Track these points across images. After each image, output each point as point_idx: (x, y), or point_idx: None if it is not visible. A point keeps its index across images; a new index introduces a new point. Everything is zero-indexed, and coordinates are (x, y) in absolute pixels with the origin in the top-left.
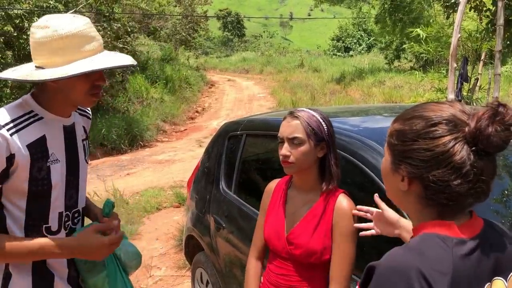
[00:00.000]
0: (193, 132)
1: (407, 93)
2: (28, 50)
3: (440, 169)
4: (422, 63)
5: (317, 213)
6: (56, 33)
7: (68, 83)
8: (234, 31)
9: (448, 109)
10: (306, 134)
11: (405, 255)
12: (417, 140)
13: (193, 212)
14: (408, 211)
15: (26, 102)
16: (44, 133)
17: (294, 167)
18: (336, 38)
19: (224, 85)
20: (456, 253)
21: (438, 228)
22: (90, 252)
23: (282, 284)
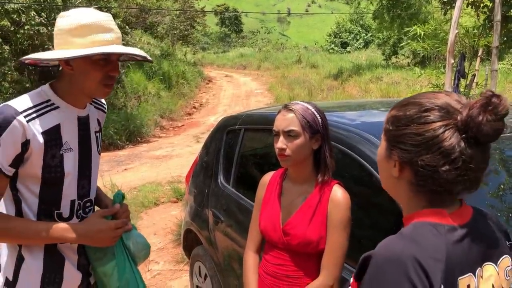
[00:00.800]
0: (191, 128)
1: (404, 89)
2: (25, 45)
3: (429, 154)
4: (420, 59)
5: (312, 203)
6: (76, 20)
7: (82, 70)
8: (231, 26)
9: (443, 97)
10: (301, 127)
11: (400, 243)
12: (409, 125)
13: (192, 206)
14: (400, 200)
15: (44, 91)
16: (59, 121)
17: (290, 160)
18: (334, 34)
19: (222, 81)
20: (449, 240)
21: (429, 217)
22: (96, 236)
23: (279, 274)
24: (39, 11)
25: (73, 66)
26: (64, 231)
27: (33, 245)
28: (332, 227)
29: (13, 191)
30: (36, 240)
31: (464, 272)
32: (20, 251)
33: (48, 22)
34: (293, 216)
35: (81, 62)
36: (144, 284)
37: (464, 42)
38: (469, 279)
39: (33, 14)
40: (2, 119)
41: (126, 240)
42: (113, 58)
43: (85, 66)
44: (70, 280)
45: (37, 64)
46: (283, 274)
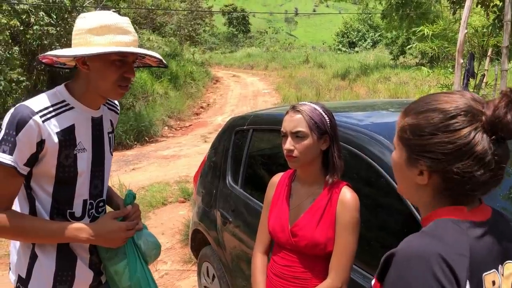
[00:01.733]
0: (198, 128)
1: (412, 89)
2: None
3: (464, 161)
4: (428, 59)
5: (321, 205)
6: (96, 21)
7: (99, 70)
8: (239, 26)
9: (460, 99)
10: (309, 128)
11: (423, 240)
12: (436, 134)
13: (200, 207)
14: (421, 204)
15: (60, 92)
16: (73, 122)
17: (298, 161)
18: (342, 34)
19: (229, 81)
20: (471, 236)
21: (450, 213)
22: (107, 236)
23: (287, 275)
24: (48, 12)
25: (89, 66)
26: (76, 231)
27: (46, 244)
28: (340, 228)
29: (27, 190)
30: (48, 239)
31: (488, 268)
32: (33, 249)
33: (57, 22)
34: (301, 217)
35: (98, 62)
36: (155, 283)
37: (473, 42)
38: (494, 275)
39: (42, 14)
40: (19, 118)
41: (137, 240)
42: (129, 60)
43: (102, 66)
44: (82, 278)
45: (52, 64)
46: (291, 276)
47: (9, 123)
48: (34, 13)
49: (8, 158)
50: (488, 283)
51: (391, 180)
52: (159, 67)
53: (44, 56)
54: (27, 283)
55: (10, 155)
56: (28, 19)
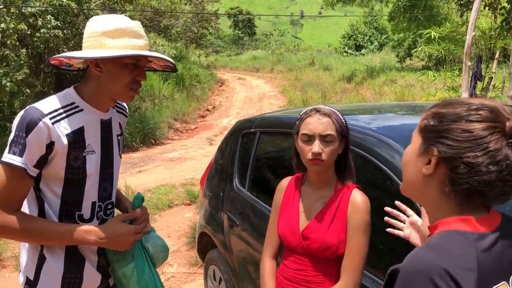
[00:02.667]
0: (204, 130)
1: (419, 92)
2: (41, 48)
3: (475, 152)
4: (435, 62)
5: (332, 207)
6: (111, 23)
7: (111, 72)
8: (244, 29)
9: (491, 101)
10: (337, 131)
11: (428, 254)
12: (457, 121)
13: (206, 210)
14: (426, 203)
15: (69, 94)
16: (83, 124)
17: (325, 165)
18: (348, 36)
19: (235, 84)
20: (478, 248)
21: (456, 224)
22: (115, 239)
23: (299, 279)
24: (56, 14)
25: (102, 68)
26: (84, 233)
27: (55, 246)
28: (352, 231)
29: (36, 192)
30: (56, 241)
31: (497, 281)
32: (41, 251)
33: (64, 25)
34: (312, 220)
35: (111, 65)
36: (162, 285)
37: (480, 45)
38: (504, 287)
39: (49, 18)
40: (29, 121)
41: (145, 242)
42: (141, 64)
43: (115, 69)
44: (90, 281)
45: (59, 66)
46: (303, 279)
47: (19, 125)
48: (41, 16)
49: (18, 160)
50: None
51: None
52: (165, 71)
53: (54, 58)
54: (35, 285)
55: (20, 157)
56: (35, 22)
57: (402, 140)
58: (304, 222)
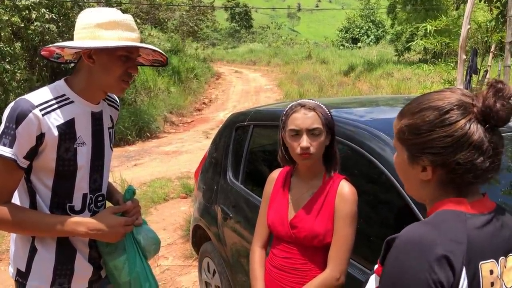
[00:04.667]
0: (200, 124)
1: (415, 85)
2: (36, 41)
3: (464, 151)
4: (431, 55)
5: (320, 197)
6: (106, 15)
7: (104, 64)
8: (241, 22)
9: (451, 95)
10: (323, 124)
11: (422, 228)
12: (434, 130)
13: (200, 203)
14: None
15: (60, 86)
16: (73, 116)
17: (314, 158)
18: (344, 29)
19: (231, 77)
20: (470, 225)
21: (452, 205)
22: (105, 231)
23: (287, 267)
24: (50, 7)
25: (95, 59)
26: (75, 225)
27: (46, 237)
28: (339, 220)
29: (27, 183)
30: (47, 232)
31: (486, 258)
32: (33, 243)
33: (59, 18)
34: (300, 210)
35: (104, 56)
36: (154, 278)
37: (476, 38)
38: (492, 265)
39: (43, 11)
40: (19, 112)
41: (136, 235)
42: (133, 56)
43: (108, 61)
44: (81, 272)
45: (48, 58)
46: (291, 267)
47: (9, 116)
48: (35, 9)
49: (8, 151)
50: (485, 271)
51: (391, 176)
52: (153, 65)
53: (46, 48)
54: (27, 276)
55: (10, 148)
56: (29, 15)
57: None
58: (293, 212)
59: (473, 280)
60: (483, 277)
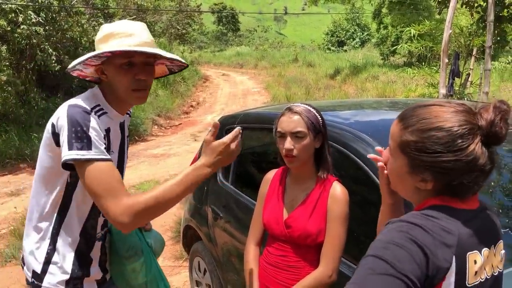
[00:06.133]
0: (188, 127)
1: (400, 88)
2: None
3: (470, 173)
4: (416, 58)
5: (313, 199)
6: (103, 31)
7: (112, 77)
8: (228, 25)
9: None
10: (307, 128)
11: (416, 216)
12: (443, 153)
13: (191, 203)
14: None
15: (96, 95)
16: (109, 125)
17: (298, 161)
18: (331, 33)
19: (219, 80)
20: (460, 219)
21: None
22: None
23: (281, 264)
24: (37, 11)
25: (107, 74)
26: (199, 170)
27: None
28: (331, 220)
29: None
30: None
31: (472, 249)
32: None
33: (46, 21)
34: (295, 210)
35: (111, 70)
36: (165, 278)
37: (458, 42)
38: (476, 255)
39: (30, 13)
40: (81, 116)
41: (148, 239)
42: (136, 61)
43: (113, 73)
44: (93, 275)
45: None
46: (285, 265)
47: (71, 122)
48: (22, 12)
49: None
50: (471, 261)
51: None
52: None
53: (72, 71)
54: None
55: (89, 150)
56: (16, 18)
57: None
58: (287, 211)
59: (460, 269)
60: (469, 267)
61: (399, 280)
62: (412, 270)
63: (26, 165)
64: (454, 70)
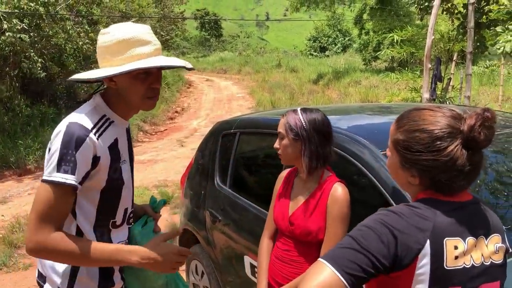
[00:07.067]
0: (174, 132)
1: (382, 93)
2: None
3: (447, 172)
4: (398, 63)
5: (315, 198)
6: (113, 37)
7: (125, 85)
8: (211, 31)
9: (442, 119)
10: (285, 130)
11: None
12: (424, 152)
13: (188, 208)
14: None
15: (99, 106)
16: (116, 136)
17: (283, 159)
18: (313, 39)
19: (203, 85)
20: (439, 208)
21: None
22: (158, 260)
23: (286, 259)
24: (21, 17)
25: (116, 82)
26: (128, 254)
27: None
28: (330, 220)
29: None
30: (98, 262)
31: (452, 235)
32: None
33: (30, 28)
34: (298, 208)
35: (123, 78)
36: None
37: (439, 47)
38: (457, 242)
39: (15, 21)
40: (76, 138)
41: None
42: (153, 70)
43: (127, 82)
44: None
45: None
46: (289, 259)
47: (65, 142)
48: (6, 19)
49: (71, 178)
50: (449, 246)
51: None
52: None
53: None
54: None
55: (73, 175)
56: (0, 25)
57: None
58: (292, 209)
59: (436, 252)
60: (447, 251)
61: (362, 254)
62: (377, 248)
63: (12, 173)
64: (437, 75)
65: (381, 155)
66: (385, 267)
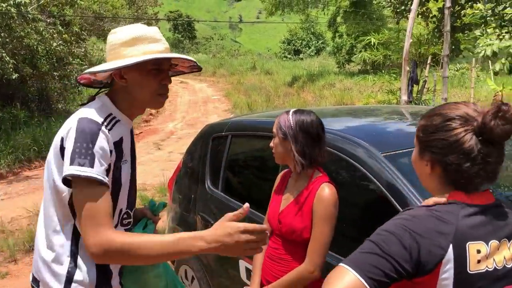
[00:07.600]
0: (149, 135)
1: (356, 95)
2: None
3: (454, 154)
4: (371, 66)
5: (302, 197)
6: (127, 34)
7: (137, 81)
8: (184, 33)
9: (462, 107)
10: (276, 129)
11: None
12: (435, 132)
13: (177, 212)
14: (433, 192)
15: (106, 105)
16: (122, 135)
17: (276, 157)
18: (287, 41)
19: (177, 88)
20: (462, 211)
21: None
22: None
23: (275, 256)
24: None
25: (127, 79)
26: (192, 241)
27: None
28: (316, 219)
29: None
30: (161, 257)
31: (475, 239)
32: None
33: (1, 29)
34: (286, 207)
35: (135, 74)
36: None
37: (414, 50)
38: (480, 245)
39: None
40: (89, 132)
41: None
42: (164, 67)
43: (139, 77)
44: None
45: (91, 85)
46: (277, 257)
47: (79, 137)
48: None
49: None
50: (472, 250)
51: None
52: (192, 71)
53: (82, 77)
54: None
55: (91, 168)
56: None
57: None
58: (282, 208)
59: (459, 256)
60: (470, 255)
61: (384, 259)
62: (399, 253)
63: None
64: (413, 77)
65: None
66: (408, 272)
